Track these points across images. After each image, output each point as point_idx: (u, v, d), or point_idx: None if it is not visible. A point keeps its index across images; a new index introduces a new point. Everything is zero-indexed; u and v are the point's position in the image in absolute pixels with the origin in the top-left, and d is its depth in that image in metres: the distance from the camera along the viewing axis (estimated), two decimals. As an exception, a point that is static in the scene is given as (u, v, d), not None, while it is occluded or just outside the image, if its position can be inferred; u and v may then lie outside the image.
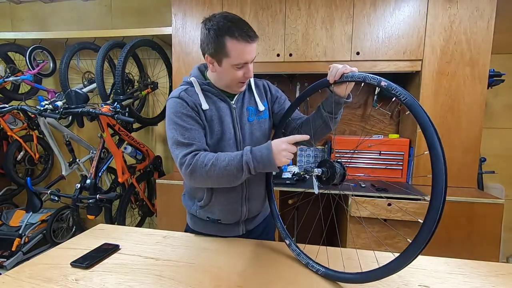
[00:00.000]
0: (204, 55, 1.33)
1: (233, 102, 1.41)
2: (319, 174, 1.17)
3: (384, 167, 2.70)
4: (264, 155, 1.20)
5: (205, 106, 1.34)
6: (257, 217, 1.58)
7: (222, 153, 1.26)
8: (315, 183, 1.17)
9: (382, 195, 2.31)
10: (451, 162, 2.54)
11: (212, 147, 1.36)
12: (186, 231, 1.62)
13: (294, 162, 3.17)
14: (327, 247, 1.42)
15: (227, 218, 1.48)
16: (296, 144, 1.23)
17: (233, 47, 1.24)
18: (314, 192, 1.19)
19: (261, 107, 1.44)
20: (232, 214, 1.48)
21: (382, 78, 1.03)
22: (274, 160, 1.19)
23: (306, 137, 1.21)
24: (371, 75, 1.07)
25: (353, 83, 1.22)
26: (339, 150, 2.70)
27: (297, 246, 1.34)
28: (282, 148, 1.19)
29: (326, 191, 1.52)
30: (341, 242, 2.54)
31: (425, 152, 1.21)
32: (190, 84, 1.40)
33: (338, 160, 1.17)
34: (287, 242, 1.37)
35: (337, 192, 2.18)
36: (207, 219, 1.49)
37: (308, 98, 1.53)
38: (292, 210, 3.07)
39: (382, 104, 3.04)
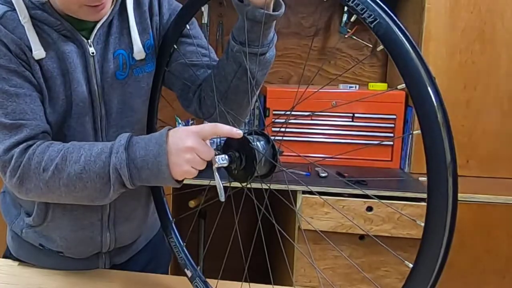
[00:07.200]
0: None
1: (90, 40, 1.06)
2: (225, 164, 0.91)
3: (360, 141, 2.33)
4: (151, 156, 0.90)
5: (38, 52, 1.02)
6: (134, 245, 1.27)
7: (76, 144, 0.97)
8: (219, 182, 0.88)
9: (357, 192, 2.02)
10: (481, 134, 2.20)
11: (54, 128, 1.07)
12: (6, 256, 1.35)
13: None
14: (257, 285, 1.20)
15: (76, 250, 1.20)
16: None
17: None
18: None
19: (140, 53, 1.09)
20: (84, 246, 1.19)
21: None
22: (169, 168, 0.89)
23: (238, 134, 0.89)
24: None
25: None
26: (280, 112, 2.23)
27: (204, 283, 1.13)
28: (187, 146, 0.87)
29: (249, 185, 1.11)
30: (281, 276, 2.30)
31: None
32: (11, 6, 1.04)
33: (262, 131, 0.90)
34: (189, 273, 1.16)
35: (282, 186, 1.62)
36: (41, 247, 1.21)
37: (204, 10, 1.34)
38: (195, 218, 2.56)
39: (357, 30, 2.46)
